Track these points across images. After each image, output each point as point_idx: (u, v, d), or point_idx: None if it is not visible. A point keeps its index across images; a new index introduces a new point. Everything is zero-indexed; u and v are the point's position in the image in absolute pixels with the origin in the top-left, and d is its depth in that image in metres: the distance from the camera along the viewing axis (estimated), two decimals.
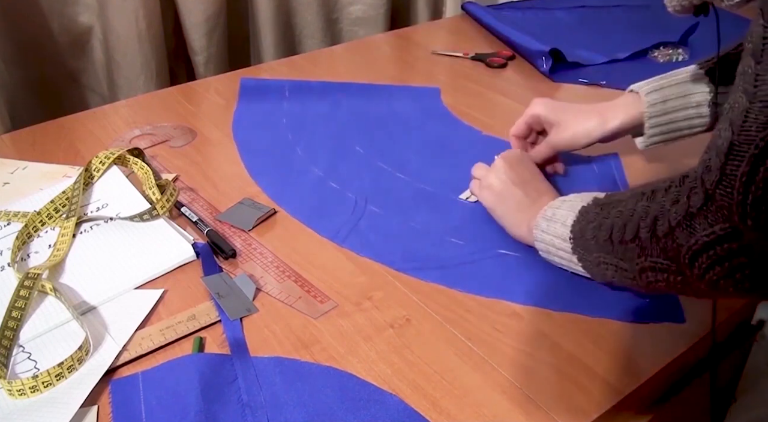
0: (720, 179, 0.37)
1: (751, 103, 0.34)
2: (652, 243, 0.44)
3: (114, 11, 0.99)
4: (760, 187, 0.35)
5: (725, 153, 0.36)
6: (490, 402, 0.48)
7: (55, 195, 0.69)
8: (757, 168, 0.34)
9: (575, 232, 0.53)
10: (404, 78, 1.02)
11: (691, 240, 0.40)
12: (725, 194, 0.37)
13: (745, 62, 0.34)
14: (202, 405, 0.47)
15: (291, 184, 0.73)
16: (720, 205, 0.37)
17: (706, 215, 0.39)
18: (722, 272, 0.39)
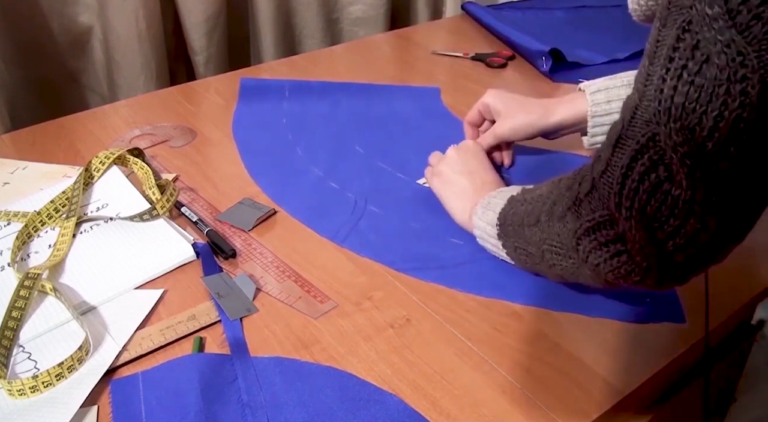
0: (605, 169, 0.39)
1: (640, 101, 0.36)
2: (549, 226, 0.47)
3: (114, 11, 0.99)
4: (635, 179, 0.37)
5: (613, 145, 0.38)
6: (490, 402, 0.48)
7: (55, 195, 0.69)
8: (635, 161, 0.37)
9: (501, 219, 0.55)
10: (404, 78, 1.02)
11: (577, 224, 0.43)
12: (606, 183, 0.39)
13: (642, 61, 0.37)
14: (202, 405, 0.47)
15: (291, 184, 0.73)
16: (602, 193, 0.40)
17: (590, 201, 0.42)
18: (601, 257, 0.42)
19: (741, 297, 0.57)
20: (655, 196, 0.37)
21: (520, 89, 0.96)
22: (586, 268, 0.44)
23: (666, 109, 0.34)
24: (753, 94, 0.32)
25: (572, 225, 0.44)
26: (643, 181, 0.37)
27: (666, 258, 0.39)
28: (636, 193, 0.37)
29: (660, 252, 0.39)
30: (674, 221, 0.37)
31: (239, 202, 0.70)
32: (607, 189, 0.39)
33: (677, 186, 0.36)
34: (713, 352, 0.59)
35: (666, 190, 0.36)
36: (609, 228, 0.41)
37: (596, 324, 0.54)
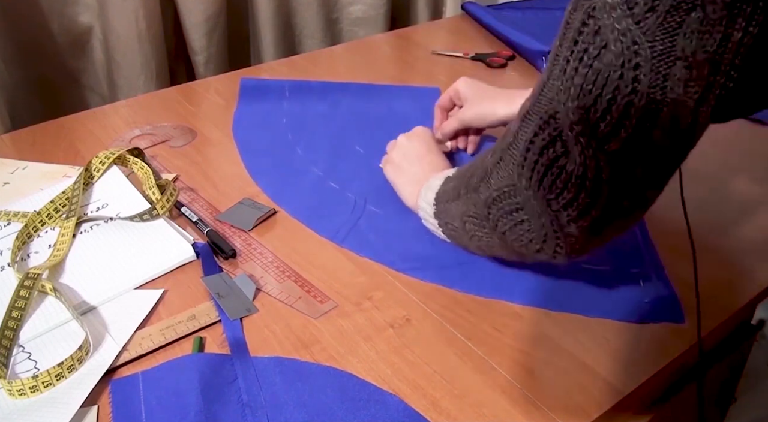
0: (512, 142, 0.42)
1: (547, 79, 0.38)
2: (468, 198, 0.49)
3: (114, 11, 0.99)
4: (535, 153, 0.39)
5: (521, 119, 0.41)
6: (490, 402, 0.48)
7: (55, 195, 0.69)
8: (536, 135, 0.39)
9: (437, 198, 0.57)
10: (404, 78, 1.02)
11: (487, 193, 0.46)
12: (511, 155, 0.42)
13: (553, 43, 0.38)
14: (202, 405, 0.47)
15: (291, 184, 0.73)
16: (507, 163, 0.43)
17: (498, 171, 0.44)
18: (506, 225, 0.45)
19: (741, 297, 0.57)
20: (552, 170, 0.39)
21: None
22: (496, 237, 0.47)
23: (566, 88, 0.36)
24: (645, 81, 0.34)
25: (484, 194, 0.46)
26: (542, 154, 0.39)
27: (561, 228, 0.41)
28: (535, 165, 0.40)
29: (556, 223, 0.41)
30: (567, 194, 0.39)
31: (239, 202, 0.70)
32: (511, 160, 0.42)
33: (571, 162, 0.38)
34: (712, 353, 0.59)
35: (561, 165, 0.39)
36: (513, 198, 0.43)
37: (596, 324, 0.54)
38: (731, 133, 0.81)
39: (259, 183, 0.74)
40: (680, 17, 0.32)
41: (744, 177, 0.73)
